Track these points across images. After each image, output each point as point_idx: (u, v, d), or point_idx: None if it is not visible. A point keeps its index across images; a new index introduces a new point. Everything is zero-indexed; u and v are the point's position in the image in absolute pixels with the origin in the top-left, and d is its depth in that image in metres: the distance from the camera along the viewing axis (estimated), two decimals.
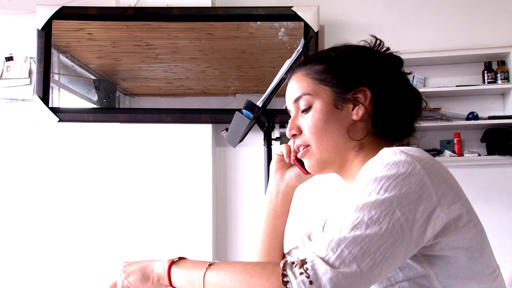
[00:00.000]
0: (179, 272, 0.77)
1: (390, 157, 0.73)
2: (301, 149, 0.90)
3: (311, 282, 0.63)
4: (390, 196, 0.69)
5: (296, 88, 0.90)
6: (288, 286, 0.64)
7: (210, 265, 0.74)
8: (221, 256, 2.84)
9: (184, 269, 0.77)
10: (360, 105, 0.86)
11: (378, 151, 0.77)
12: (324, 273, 0.64)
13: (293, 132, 0.91)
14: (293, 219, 1.06)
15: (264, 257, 0.98)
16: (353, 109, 0.86)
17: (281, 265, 0.67)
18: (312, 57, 0.92)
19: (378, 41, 0.92)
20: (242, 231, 2.86)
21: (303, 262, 0.66)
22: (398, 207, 0.68)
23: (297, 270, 0.65)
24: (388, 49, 0.93)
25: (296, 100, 0.90)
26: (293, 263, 0.67)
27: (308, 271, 0.64)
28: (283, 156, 0.97)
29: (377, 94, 0.86)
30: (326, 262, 0.64)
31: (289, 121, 0.91)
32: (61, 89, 2.93)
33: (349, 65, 0.88)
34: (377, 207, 0.68)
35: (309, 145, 0.89)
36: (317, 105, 0.87)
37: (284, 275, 0.65)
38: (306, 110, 0.88)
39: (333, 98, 0.87)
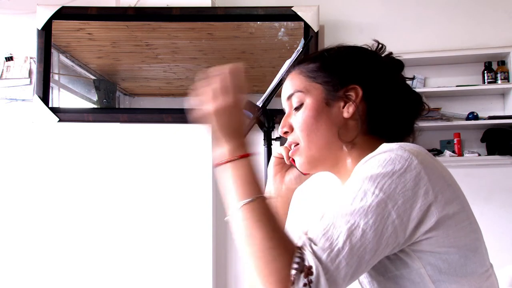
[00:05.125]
0: (233, 171, 0.76)
1: (387, 153, 0.73)
2: (292, 146, 0.90)
3: None
4: (385, 197, 0.69)
5: (290, 86, 0.91)
6: None
7: (252, 200, 0.72)
8: (221, 257, 2.85)
9: (237, 176, 0.75)
10: (351, 102, 0.85)
11: (373, 149, 0.76)
12: None
13: (285, 129, 0.91)
14: (291, 217, 1.05)
15: None
16: (343, 107, 0.86)
17: (293, 272, 0.66)
18: (307, 56, 0.93)
19: (380, 45, 0.92)
20: None
21: (308, 272, 0.65)
22: (394, 208, 0.68)
23: (301, 280, 0.65)
24: (390, 53, 0.92)
25: (289, 98, 0.91)
26: (302, 270, 0.66)
27: (311, 285, 0.64)
28: (281, 158, 0.97)
29: (369, 93, 0.86)
30: (326, 273, 0.65)
31: (282, 118, 0.91)
32: (61, 89, 2.93)
33: (341, 64, 0.88)
34: (373, 211, 0.68)
35: (299, 143, 0.89)
36: (308, 102, 0.87)
37: (292, 283, 0.65)
38: (298, 107, 0.89)
39: (324, 95, 0.87)
